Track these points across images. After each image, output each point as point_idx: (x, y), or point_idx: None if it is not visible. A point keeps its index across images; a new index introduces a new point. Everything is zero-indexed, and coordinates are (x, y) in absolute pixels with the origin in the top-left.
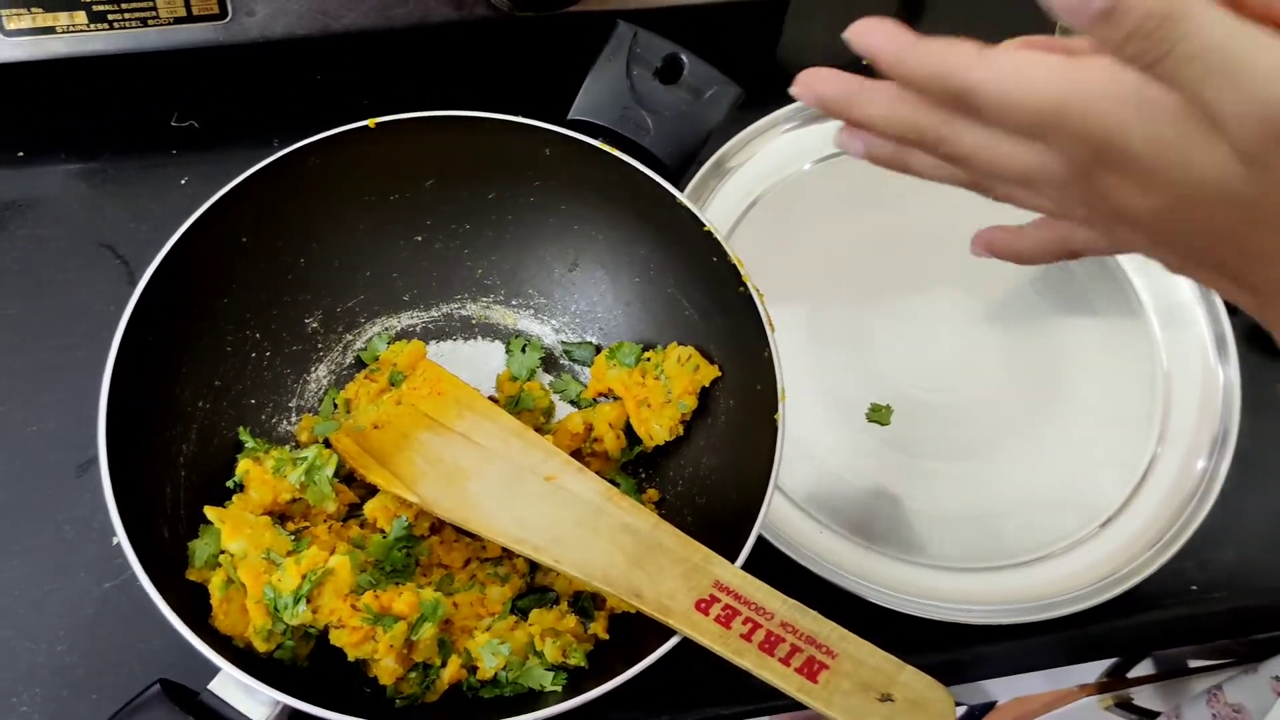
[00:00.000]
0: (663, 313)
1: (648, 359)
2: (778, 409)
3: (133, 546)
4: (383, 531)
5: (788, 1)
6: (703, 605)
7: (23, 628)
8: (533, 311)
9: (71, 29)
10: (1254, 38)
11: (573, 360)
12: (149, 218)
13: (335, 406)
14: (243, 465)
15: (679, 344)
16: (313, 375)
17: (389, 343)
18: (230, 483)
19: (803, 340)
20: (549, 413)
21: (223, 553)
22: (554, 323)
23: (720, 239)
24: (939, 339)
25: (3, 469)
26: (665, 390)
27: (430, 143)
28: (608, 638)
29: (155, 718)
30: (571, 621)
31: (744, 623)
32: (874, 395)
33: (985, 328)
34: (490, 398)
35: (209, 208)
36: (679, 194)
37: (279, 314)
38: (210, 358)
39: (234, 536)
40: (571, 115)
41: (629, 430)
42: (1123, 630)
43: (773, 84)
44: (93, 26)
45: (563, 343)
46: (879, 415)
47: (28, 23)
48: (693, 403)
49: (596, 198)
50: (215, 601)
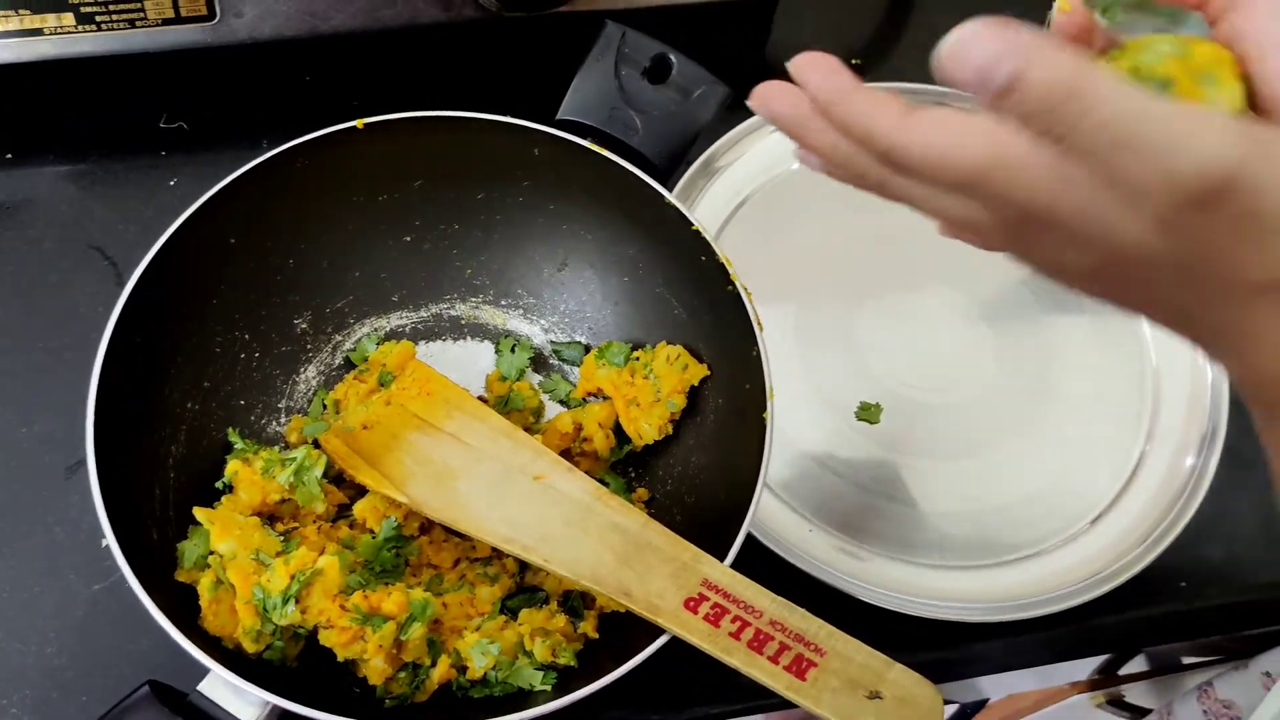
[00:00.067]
0: (651, 312)
1: (637, 358)
2: (766, 408)
3: (121, 548)
4: (372, 532)
5: (776, 1)
6: (691, 604)
7: (11, 629)
8: (522, 311)
9: (59, 30)
10: (1154, 107)
11: (562, 360)
12: (138, 219)
13: (324, 407)
14: (232, 466)
15: (668, 343)
16: (302, 376)
17: (378, 343)
18: (219, 484)
19: (792, 339)
20: (538, 412)
21: (212, 554)
22: (543, 322)
23: (709, 238)
24: (928, 337)
25: None
26: (654, 389)
27: (419, 143)
28: (597, 637)
29: (144, 719)
30: (561, 621)
31: (733, 621)
32: (863, 394)
33: (975, 326)
34: (479, 398)
35: (197, 209)
36: (668, 193)
37: (268, 315)
38: (199, 359)
39: (223, 537)
40: (560, 115)
41: (618, 429)
42: (1113, 626)
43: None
44: (80, 28)
45: (552, 342)
46: (869, 414)
47: (15, 24)
48: (682, 402)
49: (585, 197)
50: (204, 602)
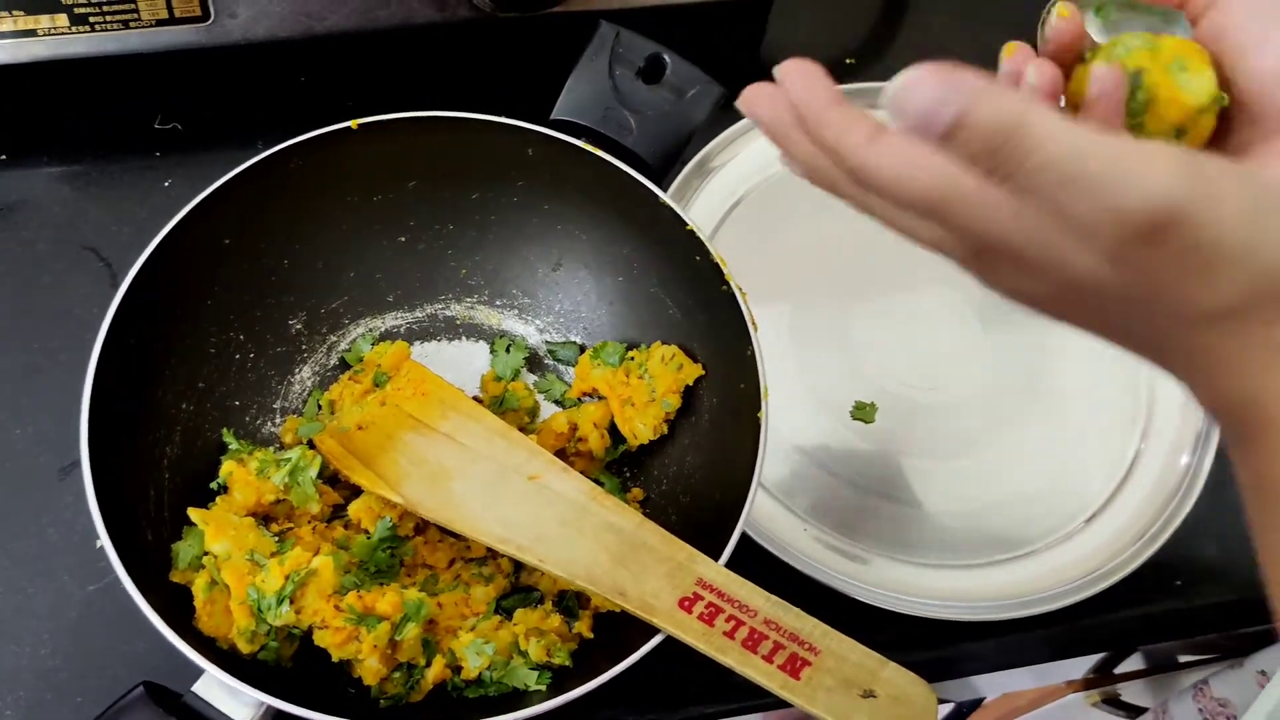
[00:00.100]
0: (646, 312)
1: (631, 358)
2: (761, 407)
3: (115, 549)
4: (367, 532)
5: (771, 1)
6: (686, 603)
7: (5, 630)
8: (517, 311)
9: (53, 32)
10: (1098, 145)
11: (557, 360)
12: (132, 220)
13: (319, 408)
14: (226, 467)
15: (663, 343)
16: (297, 376)
17: (373, 344)
18: (214, 484)
19: (787, 338)
20: (533, 412)
21: (206, 554)
22: (538, 322)
23: (703, 238)
24: (923, 337)
25: None
26: (649, 389)
27: (413, 143)
28: (592, 637)
29: None
30: (556, 621)
31: (727, 620)
32: (858, 393)
33: (969, 325)
34: (475, 398)
35: (191, 210)
36: (662, 193)
37: (263, 315)
38: (194, 360)
39: (217, 538)
40: (554, 115)
41: (613, 429)
42: (1108, 625)
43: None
44: (74, 29)
45: (547, 342)
46: (864, 413)
47: (9, 26)
48: (676, 401)
49: (580, 198)
50: (199, 603)
